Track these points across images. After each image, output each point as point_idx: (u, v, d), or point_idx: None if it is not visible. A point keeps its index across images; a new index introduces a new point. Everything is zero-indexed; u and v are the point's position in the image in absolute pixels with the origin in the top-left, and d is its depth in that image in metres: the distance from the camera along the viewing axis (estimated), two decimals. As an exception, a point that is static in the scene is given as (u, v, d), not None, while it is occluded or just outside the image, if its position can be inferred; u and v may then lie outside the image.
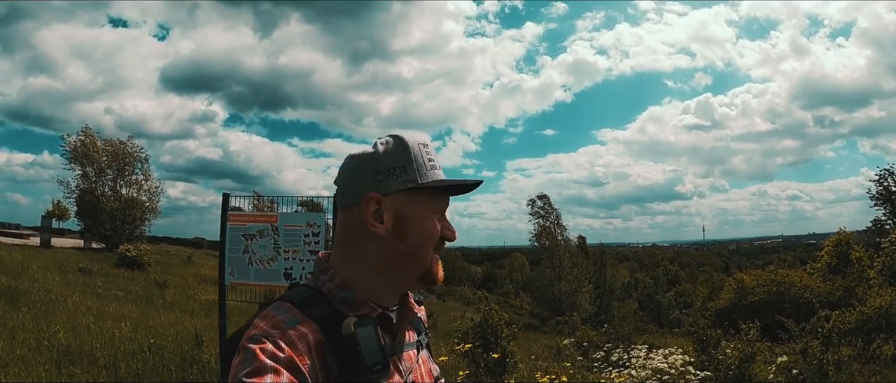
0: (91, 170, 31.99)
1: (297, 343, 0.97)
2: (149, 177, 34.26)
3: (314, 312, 1.04)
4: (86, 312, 10.56)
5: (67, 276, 16.65)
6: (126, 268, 21.79)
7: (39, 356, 7.22)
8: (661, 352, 7.33)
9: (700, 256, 78.47)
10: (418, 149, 1.13)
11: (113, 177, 32.50)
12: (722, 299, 24.26)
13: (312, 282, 1.13)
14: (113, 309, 11.68)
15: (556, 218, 48.60)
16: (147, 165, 34.34)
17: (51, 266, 18.03)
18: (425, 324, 1.33)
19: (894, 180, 27.69)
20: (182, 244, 49.77)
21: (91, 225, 31.67)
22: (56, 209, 39.71)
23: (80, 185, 31.99)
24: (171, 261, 29.60)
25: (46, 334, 8.19)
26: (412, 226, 1.11)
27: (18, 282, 13.00)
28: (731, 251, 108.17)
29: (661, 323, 39.71)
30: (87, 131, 32.63)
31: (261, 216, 6.66)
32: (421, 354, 1.22)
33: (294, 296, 1.08)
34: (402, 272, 1.13)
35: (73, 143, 31.75)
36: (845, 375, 7.28)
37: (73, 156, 31.62)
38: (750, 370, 7.53)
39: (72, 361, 7.08)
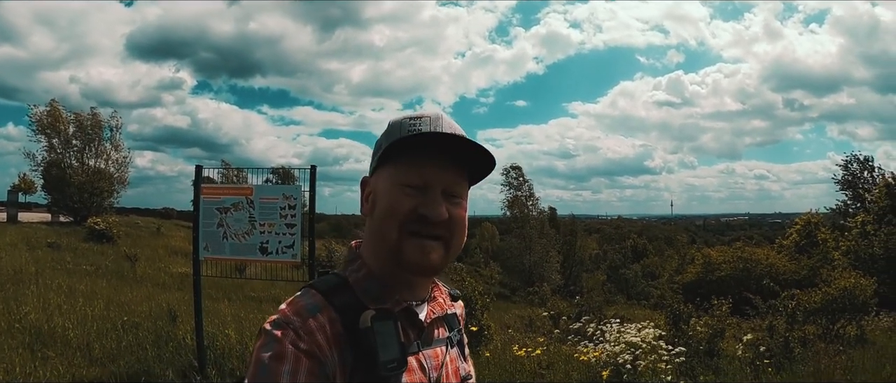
0: (57, 142, 31.21)
1: (317, 332, 0.97)
2: (118, 146, 33.52)
3: (338, 301, 1.03)
4: (57, 290, 10.36)
5: (36, 253, 16.34)
6: (95, 242, 21.52)
7: (11, 339, 7.08)
8: (634, 326, 7.43)
9: (668, 230, 79.54)
10: (402, 121, 1.11)
11: (80, 148, 31.73)
12: (689, 273, 24.69)
13: (342, 271, 1.12)
14: (84, 285, 11.49)
15: (529, 189, 48.88)
16: (117, 134, 33.58)
17: (18, 242, 17.76)
18: (461, 320, 1.31)
19: (860, 166, 28.37)
20: (151, 215, 49.34)
21: (58, 198, 30.98)
22: (22, 183, 38.85)
23: (47, 157, 31.22)
24: (140, 233, 29.28)
25: (17, 316, 8.03)
26: (378, 201, 1.09)
27: (-15, 260, 12.67)
28: (698, 226, 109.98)
29: (629, 294, 40.30)
30: (54, 105, 31.77)
31: (235, 188, 6.58)
32: (450, 352, 1.19)
33: (321, 284, 1.07)
34: (379, 254, 1.09)
35: (40, 114, 30.93)
36: (810, 353, 7.47)
37: (39, 128, 30.81)
38: (719, 345, 7.71)
39: (44, 343, 6.94)
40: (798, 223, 27.70)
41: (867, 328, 10.04)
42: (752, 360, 7.17)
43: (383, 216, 1.07)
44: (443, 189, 1.07)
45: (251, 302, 11.92)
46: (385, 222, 1.06)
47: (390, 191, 1.07)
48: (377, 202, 1.09)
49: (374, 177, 1.12)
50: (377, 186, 1.10)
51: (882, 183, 24.79)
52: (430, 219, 1.05)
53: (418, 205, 1.05)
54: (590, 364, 6.63)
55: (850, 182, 28.13)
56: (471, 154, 1.08)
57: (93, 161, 32.09)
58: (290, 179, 13.80)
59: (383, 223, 1.06)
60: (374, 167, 1.13)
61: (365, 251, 1.12)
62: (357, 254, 1.13)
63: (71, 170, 30.90)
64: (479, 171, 1.14)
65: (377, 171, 1.11)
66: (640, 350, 6.45)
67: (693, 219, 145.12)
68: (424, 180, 1.06)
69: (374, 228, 1.09)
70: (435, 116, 1.11)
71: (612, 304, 28.54)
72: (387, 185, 1.08)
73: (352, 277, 1.09)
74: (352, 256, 1.13)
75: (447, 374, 1.15)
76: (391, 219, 1.05)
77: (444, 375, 1.14)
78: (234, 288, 13.63)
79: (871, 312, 10.68)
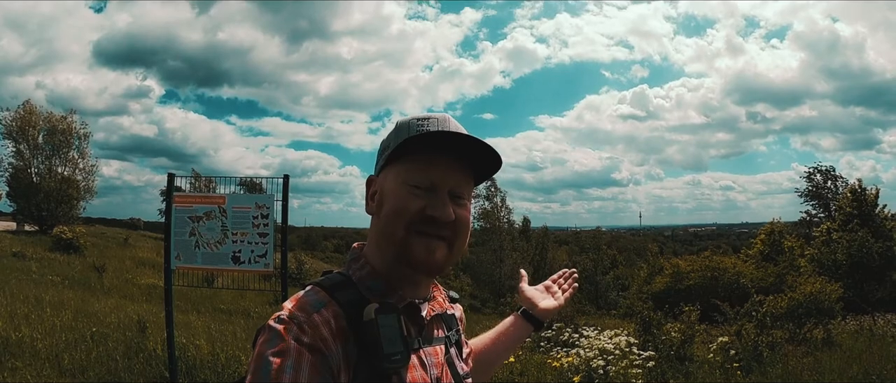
0: (25, 148, 30.54)
1: (321, 327, 0.98)
2: (85, 154, 32.90)
3: (341, 297, 1.05)
4: (23, 301, 10.14)
5: (1, 262, 16.02)
6: (62, 252, 21.15)
7: None
8: (607, 333, 7.52)
9: (637, 241, 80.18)
10: (410, 122, 1.14)
11: (48, 154, 31.05)
12: (658, 283, 24.86)
13: (345, 270, 1.14)
14: (50, 295, 11.25)
15: (502, 200, 48.99)
16: (85, 142, 32.96)
17: (-18, 251, 17.35)
18: (462, 322, 1.34)
19: (823, 176, 29.01)
20: (118, 225, 48.56)
21: (24, 206, 30.29)
22: (-14, 190, 37.98)
23: (14, 163, 30.59)
24: (107, 243, 28.77)
25: None
26: (384, 200, 1.11)
27: (-51, 269, 12.38)
28: (667, 237, 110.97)
29: (599, 304, 40.52)
30: (28, 106, 31.04)
31: (208, 197, 6.52)
32: (450, 351, 1.20)
33: (325, 282, 1.09)
34: (384, 253, 1.11)
35: (9, 119, 30.30)
36: (779, 356, 7.65)
37: (6, 132, 30.23)
38: (690, 350, 7.85)
39: (12, 354, 6.79)
40: (762, 232, 28.21)
41: (834, 331, 10.27)
42: (722, 364, 7.30)
43: (391, 215, 1.09)
44: (449, 190, 1.10)
45: (221, 315, 11.81)
46: (393, 221, 1.08)
47: (398, 191, 1.09)
48: (384, 201, 1.11)
49: (381, 177, 1.14)
50: (384, 185, 1.12)
51: (848, 189, 25.38)
52: (438, 220, 1.08)
53: (426, 205, 1.08)
54: (562, 370, 6.69)
55: (815, 192, 28.76)
56: (477, 155, 1.11)
57: (61, 168, 31.43)
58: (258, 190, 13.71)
59: (391, 222, 1.09)
60: (380, 166, 1.15)
61: (369, 249, 1.15)
62: (360, 253, 1.15)
63: (39, 177, 30.22)
64: (484, 171, 1.17)
65: (384, 171, 1.14)
66: (612, 356, 6.55)
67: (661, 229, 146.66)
68: (432, 181, 1.09)
69: (380, 227, 1.11)
70: (442, 118, 1.14)
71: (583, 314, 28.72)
72: (395, 185, 1.10)
73: (356, 275, 1.12)
74: (354, 255, 1.15)
75: (446, 372, 1.16)
76: (399, 219, 1.08)
77: (445, 373, 1.16)
78: (203, 301, 13.50)
79: (837, 316, 10.93)
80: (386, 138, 1.17)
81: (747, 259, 26.37)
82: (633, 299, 26.47)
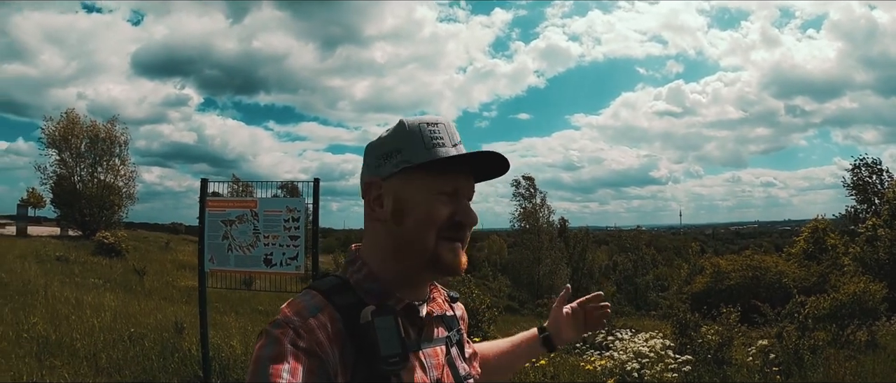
0: (68, 156, 31.38)
1: (317, 331, 0.97)
2: (125, 161, 33.69)
3: (339, 301, 1.04)
4: (64, 302, 10.43)
5: (45, 265, 16.44)
6: (104, 256, 21.62)
7: (19, 349, 7.12)
8: (642, 336, 7.39)
9: (677, 240, 78.86)
10: (421, 128, 1.11)
11: (90, 162, 31.90)
12: (698, 283, 24.42)
13: (342, 273, 1.13)
14: (92, 298, 11.54)
15: (542, 200, 48.66)
16: (125, 149, 33.76)
17: (28, 255, 17.84)
18: (463, 321, 1.33)
19: (868, 170, 28.14)
20: (159, 230, 49.44)
21: (68, 212, 31.19)
22: (32, 197, 39.15)
23: (58, 171, 31.43)
24: (148, 247, 29.38)
25: (25, 326, 8.08)
26: (409, 209, 1.09)
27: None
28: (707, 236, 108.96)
29: (639, 305, 40.02)
30: (70, 114, 32.01)
31: (240, 202, 6.60)
32: (450, 352, 1.19)
33: (321, 285, 1.08)
34: (406, 259, 1.11)
35: (53, 128, 31.15)
36: (820, 360, 7.40)
37: (50, 141, 31.06)
38: (728, 353, 7.64)
39: (52, 353, 6.99)
40: (805, 230, 27.47)
41: (878, 333, 9.90)
42: (761, 368, 7.11)
43: (422, 224, 1.09)
44: (466, 194, 1.14)
45: (258, 316, 11.93)
46: (424, 229, 1.09)
47: (427, 199, 1.09)
48: (408, 209, 1.09)
49: (394, 183, 1.11)
50: (403, 193, 1.10)
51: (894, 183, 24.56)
52: (466, 225, 1.12)
53: (454, 212, 1.10)
54: (595, 373, 6.58)
55: (860, 186, 27.89)
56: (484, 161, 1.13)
57: (103, 175, 32.24)
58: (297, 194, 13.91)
59: (422, 230, 1.09)
60: (390, 172, 1.11)
61: (370, 253, 1.13)
62: (357, 255, 1.14)
63: (82, 183, 31.03)
64: (486, 175, 1.19)
65: (397, 177, 1.10)
66: (647, 359, 6.42)
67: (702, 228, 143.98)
68: (455, 187, 1.11)
69: (403, 235, 1.10)
70: (446, 124, 1.14)
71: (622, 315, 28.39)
72: (422, 194, 1.09)
73: (353, 278, 1.10)
74: (351, 258, 1.14)
75: (447, 373, 1.15)
76: (431, 227, 1.08)
77: (445, 374, 1.15)
78: (242, 302, 13.65)
79: (881, 317, 10.57)
80: (386, 139, 1.13)
81: (790, 258, 25.71)
82: (673, 300, 26.05)
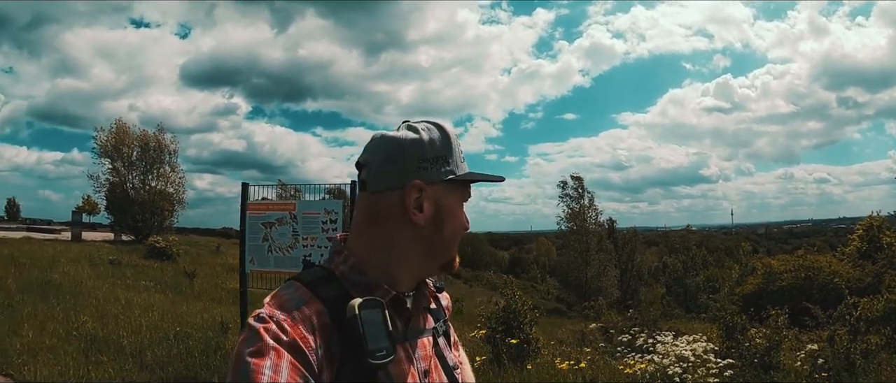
0: (120, 164, 32.48)
1: (301, 324, 0.95)
2: (175, 168, 34.63)
3: (323, 293, 1.02)
4: (114, 302, 10.78)
5: (97, 268, 16.95)
6: (155, 259, 22.13)
7: (68, 345, 7.41)
8: (686, 339, 7.23)
9: (728, 241, 76.91)
10: (456, 140, 1.13)
11: (142, 170, 32.93)
12: (750, 284, 23.79)
13: (327, 264, 1.11)
14: (141, 298, 11.87)
15: (590, 200, 48.09)
16: (174, 157, 34.69)
17: (81, 259, 18.42)
18: (448, 312, 1.33)
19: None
20: (211, 234, 50.38)
21: (120, 218, 32.27)
22: (86, 204, 40.54)
23: (110, 179, 32.53)
24: (199, 251, 29.97)
25: (75, 324, 8.40)
26: (448, 218, 1.11)
27: (49, 276, 13.27)
28: (759, 235, 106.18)
29: (689, 307, 39.19)
30: (120, 124, 33.14)
31: (279, 204, 6.73)
32: (438, 342, 1.19)
33: (306, 276, 1.07)
34: (431, 261, 1.13)
35: (104, 138, 32.27)
36: (872, 365, 7.09)
37: (102, 151, 32.18)
38: (776, 357, 7.38)
39: (99, 349, 7.23)
40: (859, 227, 26.51)
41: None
42: (809, 373, 6.87)
43: (456, 232, 1.14)
44: None
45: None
46: (455, 237, 1.14)
47: (458, 210, 1.14)
48: (447, 217, 1.11)
49: (439, 190, 1.10)
50: (443, 201, 1.10)
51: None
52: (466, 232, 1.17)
53: (466, 220, 1.16)
54: (635, 376, 6.47)
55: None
56: None
57: (154, 182, 33.26)
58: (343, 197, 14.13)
59: (456, 239, 1.14)
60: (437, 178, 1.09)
61: (371, 249, 1.10)
62: (342, 246, 1.12)
63: (134, 190, 32.03)
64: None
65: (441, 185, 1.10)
66: (689, 363, 6.27)
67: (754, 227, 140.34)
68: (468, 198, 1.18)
69: (440, 241, 1.12)
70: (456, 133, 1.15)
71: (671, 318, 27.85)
72: (457, 205, 1.14)
73: (338, 269, 1.09)
74: (337, 248, 1.12)
75: (435, 364, 1.15)
76: (461, 235, 1.15)
77: (433, 364, 1.14)
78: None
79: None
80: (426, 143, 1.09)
81: (844, 257, 24.86)
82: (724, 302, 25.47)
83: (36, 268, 14.51)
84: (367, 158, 1.11)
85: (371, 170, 1.09)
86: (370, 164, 1.10)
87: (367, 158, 1.11)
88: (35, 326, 8.14)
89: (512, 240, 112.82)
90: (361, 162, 1.12)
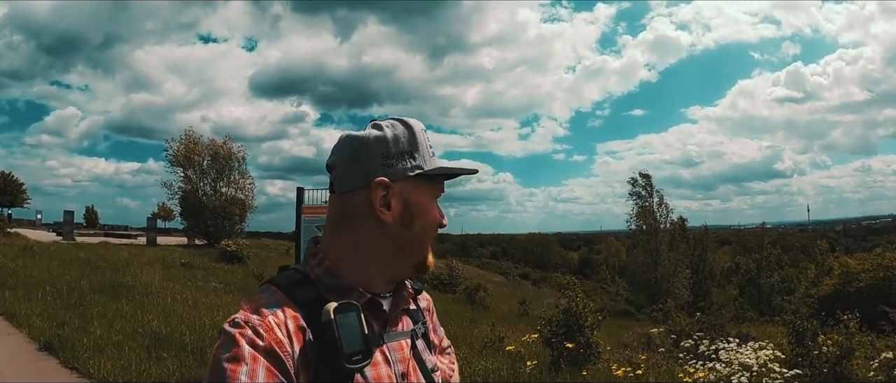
0: (192, 173, 34.15)
1: (276, 329, 0.95)
2: (245, 175, 35.92)
3: (299, 297, 1.02)
4: (181, 303, 11.22)
5: (169, 271, 17.75)
6: (226, 262, 22.84)
7: (133, 342, 7.77)
8: (751, 345, 6.93)
9: (804, 238, 73.73)
10: (423, 135, 1.12)
11: (213, 177, 34.44)
12: (826, 285, 22.75)
13: (303, 266, 1.11)
14: (208, 299, 12.28)
15: (660, 198, 47.14)
16: (243, 164, 36.00)
17: (154, 262, 19.30)
18: (430, 313, 1.32)
19: None
20: (282, 238, 51.56)
21: (193, 223, 33.86)
22: (161, 210, 42.39)
23: (183, 187, 34.21)
24: (269, 254, 30.75)
25: (141, 322, 8.79)
26: (418, 214, 1.10)
27: (121, 277, 13.97)
28: (837, 232, 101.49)
29: (762, 310, 37.87)
30: (190, 134, 34.78)
31: (332, 207, 6.81)
32: (416, 345, 1.17)
33: (281, 280, 1.06)
34: (401, 260, 1.11)
35: (176, 149, 34.03)
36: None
37: (174, 160, 33.95)
38: (848, 366, 6.94)
39: (162, 347, 7.52)
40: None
41: None
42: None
43: (427, 228, 1.12)
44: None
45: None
46: (427, 233, 1.12)
47: (431, 206, 1.12)
48: (417, 214, 1.10)
49: (406, 187, 1.09)
50: (411, 198, 1.09)
51: None
52: (443, 228, 1.16)
53: (441, 216, 1.15)
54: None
55: None
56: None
57: (225, 188, 34.68)
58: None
59: (427, 236, 1.13)
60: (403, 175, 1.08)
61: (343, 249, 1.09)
62: (317, 249, 1.11)
63: (205, 197, 33.40)
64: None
65: (408, 181, 1.09)
66: (753, 373, 6.00)
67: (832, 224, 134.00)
68: (441, 193, 1.16)
69: (410, 239, 1.10)
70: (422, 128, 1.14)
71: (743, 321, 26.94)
72: (427, 200, 1.12)
73: (313, 272, 1.08)
74: (312, 251, 1.12)
75: (413, 367, 1.13)
76: (432, 231, 1.13)
77: (411, 367, 1.12)
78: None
79: None
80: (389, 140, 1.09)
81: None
82: (798, 304, 24.48)
83: (109, 271, 15.32)
84: (334, 160, 1.11)
85: (338, 172, 1.10)
86: (337, 165, 1.10)
87: (334, 160, 1.11)
88: (103, 324, 8.56)
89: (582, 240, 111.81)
90: (329, 164, 1.12)
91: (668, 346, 10.23)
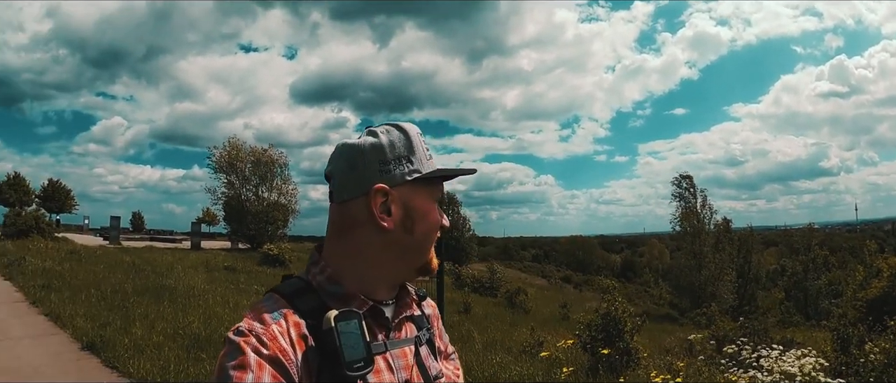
0: (235, 179, 34.98)
1: (280, 337, 0.96)
2: (287, 180, 36.54)
3: (301, 305, 1.03)
4: (223, 305, 11.42)
5: (213, 274, 18.13)
6: (269, 266, 23.29)
7: (173, 342, 7.93)
8: (794, 353, 6.73)
9: (853, 239, 71.15)
10: (419, 138, 1.12)
11: (255, 183, 35.10)
12: (874, 288, 21.97)
13: (304, 274, 1.11)
14: (250, 302, 12.32)
15: (703, 199, 46.35)
16: (285, 170, 36.59)
17: (198, 265, 19.76)
18: (436, 318, 1.31)
19: None
20: (326, 242, 52.37)
21: (237, 227, 34.61)
22: (206, 215, 43.48)
23: (226, 192, 35.10)
24: (312, 258, 31.19)
25: (182, 324, 8.98)
26: (419, 218, 1.10)
27: (165, 280, 14.30)
28: (886, 232, 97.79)
29: (809, 314, 36.84)
30: (233, 141, 35.55)
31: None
32: (420, 351, 1.17)
33: (284, 288, 1.07)
34: (404, 265, 1.12)
35: (219, 156, 34.94)
36: None
37: (218, 167, 34.94)
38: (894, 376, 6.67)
39: (201, 347, 7.65)
40: None
41: None
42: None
43: (429, 232, 1.12)
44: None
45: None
46: (429, 237, 1.12)
47: (431, 209, 1.12)
48: (418, 218, 1.10)
49: (405, 192, 1.09)
50: (411, 202, 1.09)
51: None
52: (445, 230, 1.15)
53: (442, 218, 1.14)
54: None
55: None
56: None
57: (267, 194, 35.32)
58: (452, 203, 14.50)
59: (429, 239, 1.12)
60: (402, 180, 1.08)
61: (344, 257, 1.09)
62: (318, 256, 1.11)
63: (248, 202, 33.99)
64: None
65: (406, 186, 1.09)
66: (797, 381, 5.81)
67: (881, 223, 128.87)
68: (441, 195, 1.16)
69: (412, 243, 1.10)
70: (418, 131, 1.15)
71: (789, 325, 26.25)
72: (427, 204, 1.11)
73: (315, 280, 1.08)
74: (313, 259, 1.12)
75: (416, 373, 1.13)
76: (434, 234, 1.13)
77: (415, 374, 1.12)
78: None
79: None
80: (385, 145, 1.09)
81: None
82: (846, 308, 23.71)
83: (153, 274, 15.73)
84: (332, 169, 1.11)
85: (336, 181, 1.09)
86: (335, 174, 1.10)
87: (332, 169, 1.11)
88: (145, 325, 8.76)
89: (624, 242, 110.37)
90: (328, 173, 1.12)
91: (709, 352, 10.00)
